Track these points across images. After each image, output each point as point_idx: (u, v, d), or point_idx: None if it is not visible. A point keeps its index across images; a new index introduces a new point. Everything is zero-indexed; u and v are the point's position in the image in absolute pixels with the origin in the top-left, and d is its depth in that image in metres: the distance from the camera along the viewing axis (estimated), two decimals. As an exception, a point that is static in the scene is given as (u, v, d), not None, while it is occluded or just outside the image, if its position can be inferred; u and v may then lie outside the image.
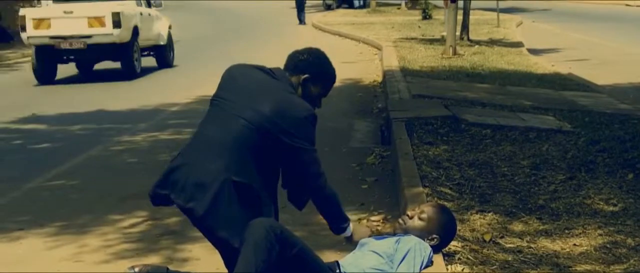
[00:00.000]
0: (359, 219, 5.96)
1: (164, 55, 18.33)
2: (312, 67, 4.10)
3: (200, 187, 3.79)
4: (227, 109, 3.95)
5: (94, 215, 6.34)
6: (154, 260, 5.17)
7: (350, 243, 4.28)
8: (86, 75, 17.28)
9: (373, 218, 5.94)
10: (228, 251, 3.89)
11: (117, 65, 16.65)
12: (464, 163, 6.91)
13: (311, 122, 3.93)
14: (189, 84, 15.26)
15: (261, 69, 4.10)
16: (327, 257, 4.87)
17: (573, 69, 16.55)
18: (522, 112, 10.05)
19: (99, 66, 17.55)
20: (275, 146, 3.86)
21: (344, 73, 4.32)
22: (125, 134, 10.24)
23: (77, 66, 17.43)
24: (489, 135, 8.29)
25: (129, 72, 16.24)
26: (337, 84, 4.43)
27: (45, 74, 16.00)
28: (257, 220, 3.66)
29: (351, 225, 4.22)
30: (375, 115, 11.04)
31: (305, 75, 4.06)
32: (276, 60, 4.75)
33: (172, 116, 11.71)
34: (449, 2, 18.09)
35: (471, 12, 22.13)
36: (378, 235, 5.47)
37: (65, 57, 16.15)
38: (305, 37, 24.66)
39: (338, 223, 4.19)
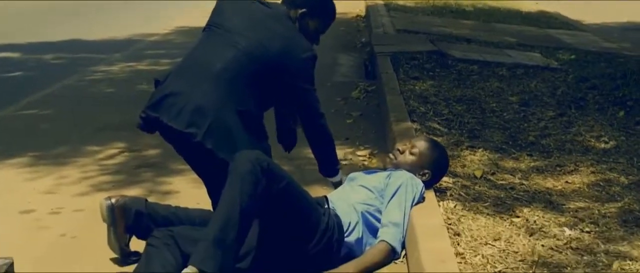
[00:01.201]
0: (345, 154, 5.82)
1: None
2: (310, 1, 3.96)
3: (200, 112, 3.64)
4: (224, 36, 3.81)
5: (70, 146, 6.12)
6: (133, 192, 4.98)
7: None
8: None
9: (359, 153, 5.78)
10: (216, 181, 3.73)
11: None
12: (451, 99, 6.75)
13: (312, 62, 3.85)
14: (168, 14, 14.95)
15: (261, 1, 3.96)
16: (315, 192, 4.72)
17: (557, 8, 16.41)
18: (508, 48, 9.90)
19: None
20: (273, 80, 3.77)
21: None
22: (102, 64, 9.99)
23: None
24: (475, 71, 8.13)
25: None
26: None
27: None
28: (243, 152, 3.47)
29: (341, 172, 4.14)
30: (359, 49, 10.85)
31: (303, 10, 3.93)
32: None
33: (150, 46, 11.46)
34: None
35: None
36: (365, 169, 5.37)
37: None
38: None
39: (330, 165, 4.14)
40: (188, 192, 4.88)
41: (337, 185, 4.16)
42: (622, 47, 11.01)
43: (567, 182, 4.63)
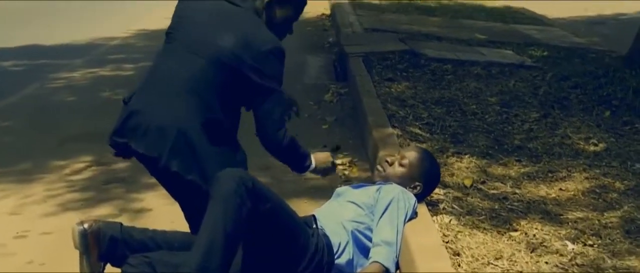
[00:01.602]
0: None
1: None
2: None
3: (162, 131, 3.32)
4: (185, 44, 3.45)
5: (33, 162, 5.82)
6: (103, 211, 4.72)
7: (316, 173, 3.81)
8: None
9: (338, 162, 5.54)
10: (191, 205, 3.47)
11: None
12: (429, 101, 6.53)
13: (277, 56, 3.42)
14: (128, 16, 14.60)
15: None
16: (295, 205, 4.48)
17: (522, 3, 16.29)
18: (479, 46, 9.72)
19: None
20: (243, 85, 3.38)
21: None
22: (63, 70, 9.65)
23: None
24: (450, 70, 7.93)
25: None
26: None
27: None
28: (226, 172, 3.21)
29: (312, 157, 3.75)
30: (327, 49, 10.60)
31: None
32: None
33: (111, 50, 11.12)
34: None
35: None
36: (347, 180, 5.14)
37: None
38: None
39: (300, 164, 3.74)
40: (161, 210, 4.62)
41: (313, 171, 3.79)
42: (592, 41, 10.90)
43: (561, 189, 4.43)
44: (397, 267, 3.48)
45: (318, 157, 3.77)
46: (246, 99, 3.47)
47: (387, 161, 3.94)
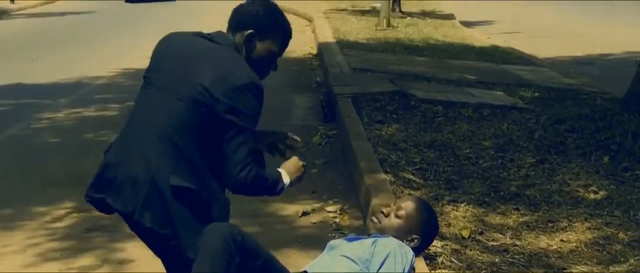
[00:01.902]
0: (313, 209, 5.40)
1: None
2: (256, 19, 3.29)
3: (135, 184, 3.09)
4: (161, 87, 3.22)
5: (14, 207, 5.61)
6: (84, 262, 4.52)
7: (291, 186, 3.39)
8: None
9: (329, 209, 5.37)
10: (170, 263, 3.27)
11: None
12: (421, 144, 6.37)
13: (251, 92, 3.11)
14: (113, 53, 14.45)
15: (198, 35, 3.34)
16: (285, 255, 4.30)
17: (508, 41, 16.28)
18: (469, 86, 9.60)
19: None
20: (219, 125, 3.11)
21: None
22: (47, 110, 9.44)
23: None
24: (441, 112, 7.78)
25: None
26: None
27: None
28: (214, 227, 3.03)
29: (282, 172, 3.32)
30: (314, 89, 10.45)
31: (249, 31, 3.27)
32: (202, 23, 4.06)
33: (96, 90, 10.92)
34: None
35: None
36: (337, 229, 4.96)
37: None
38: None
39: (272, 192, 3.32)
40: (144, 261, 4.40)
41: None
42: (583, 82, 10.80)
43: (562, 240, 4.26)
44: (395, 326, 3.29)
45: (288, 168, 3.39)
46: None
47: (382, 212, 3.77)
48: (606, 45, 16.27)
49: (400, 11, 20.45)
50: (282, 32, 3.36)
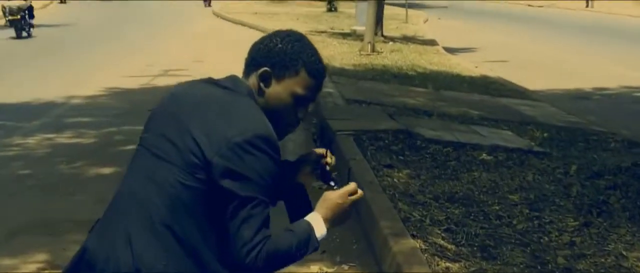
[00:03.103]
0: (325, 273, 4.65)
1: None
2: (272, 54, 2.47)
3: None
4: (152, 151, 2.46)
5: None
6: None
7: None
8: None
9: (345, 275, 4.60)
10: None
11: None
12: (441, 197, 5.62)
13: (256, 148, 2.28)
14: (91, 68, 13.60)
15: (205, 81, 2.55)
16: None
17: (495, 71, 15.72)
18: (474, 124, 8.90)
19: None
20: (219, 195, 2.31)
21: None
22: (17, 135, 8.60)
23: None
24: (451, 155, 7.06)
25: None
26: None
27: None
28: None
29: (314, 220, 2.42)
30: (304, 121, 9.67)
31: (264, 69, 2.45)
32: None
33: (72, 112, 10.05)
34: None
35: (379, 6, 21.01)
36: None
37: None
38: (205, 24, 23.04)
39: (302, 256, 2.44)
40: None
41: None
42: (588, 120, 10.21)
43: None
44: None
45: (327, 206, 2.46)
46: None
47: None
48: (598, 78, 15.78)
49: (383, 36, 19.79)
50: (307, 67, 2.48)
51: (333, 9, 30.02)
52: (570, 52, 20.57)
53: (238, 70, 2.49)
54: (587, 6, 42.54)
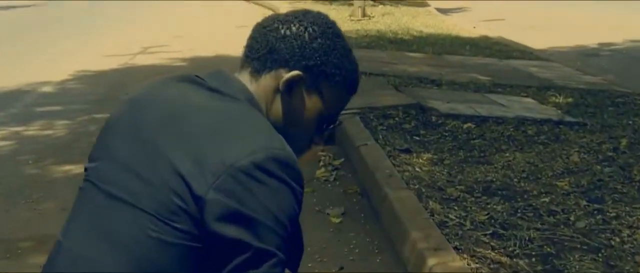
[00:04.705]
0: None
1: None
2: (313, 53, 1.71)
3: None
4: (111, 192, 1.60)
5: None
6: None
7: None
8: None
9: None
10: None
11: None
12: (475, 189, 4.69)
13: (268, 174, 1.51)
14: (63, 52, 12.57)
15: (185, 80, 1.71)
16: None
17: (494, 31, 14.81)
18: (489, 92, 7.96)
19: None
20: (214, 250, 1.53)
21: (241, 40, 2.21)
22: (-21, 128, 7.63)
23: None
24: (474, 132, 6.14)
25: None
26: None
27: None
28: None
29: None
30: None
31: (296, 72, 1.68)
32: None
33: (41, 100, 9.01)
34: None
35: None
36: None
37: None
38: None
39: None
40: None
41: None
42: (609, 80, 9.31)
43: None
44: None
45: None
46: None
47: None
48: (600, 32, 14.93)
49: (371, -2, 18.79)
50: (348, 78, 1.76)
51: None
52: (563, 6, 19.68)
53: (226, 44, 1.54)
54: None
